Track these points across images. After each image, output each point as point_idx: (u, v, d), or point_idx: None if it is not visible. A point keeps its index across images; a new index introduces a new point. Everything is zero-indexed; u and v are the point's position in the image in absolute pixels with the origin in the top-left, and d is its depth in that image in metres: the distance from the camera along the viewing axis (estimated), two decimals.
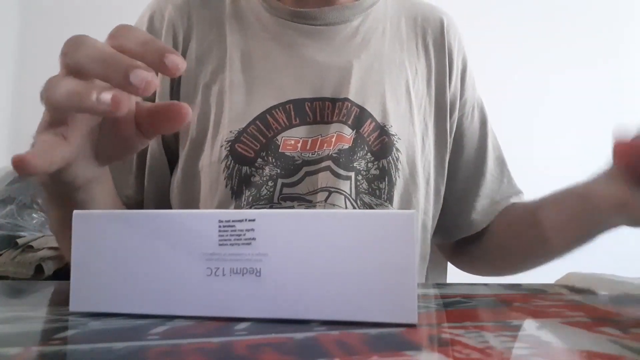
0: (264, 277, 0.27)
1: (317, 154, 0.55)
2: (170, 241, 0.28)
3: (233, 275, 0.28)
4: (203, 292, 0.28)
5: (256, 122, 0.55)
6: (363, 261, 0.27)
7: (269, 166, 0.54)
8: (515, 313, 0.30)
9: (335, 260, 0.27)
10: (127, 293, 0.28)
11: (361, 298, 0.27)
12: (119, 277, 0.28)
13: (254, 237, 0.28)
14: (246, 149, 0.55)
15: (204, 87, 0.57)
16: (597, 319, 0.29)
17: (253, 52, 0.58)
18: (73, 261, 0.29)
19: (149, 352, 0.21)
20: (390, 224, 0.27)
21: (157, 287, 0.28)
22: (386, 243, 0.27)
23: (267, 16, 0.60)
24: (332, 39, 0.59)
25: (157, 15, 0.60)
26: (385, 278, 0.26)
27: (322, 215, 0.28)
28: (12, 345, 0.23)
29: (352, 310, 0.27)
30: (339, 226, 0.27)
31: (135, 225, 0.29)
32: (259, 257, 0.27)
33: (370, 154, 0.56)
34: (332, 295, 0.27)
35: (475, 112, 0.66)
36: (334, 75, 0.57)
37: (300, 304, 0.27)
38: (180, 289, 0.28)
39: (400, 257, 0.27)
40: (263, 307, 0.27)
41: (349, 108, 0.56)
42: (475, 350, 0.21)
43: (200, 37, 0.59)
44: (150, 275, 0.28)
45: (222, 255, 0.28)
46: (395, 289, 0.26)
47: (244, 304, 0.27)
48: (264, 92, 0.56)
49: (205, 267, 0.28)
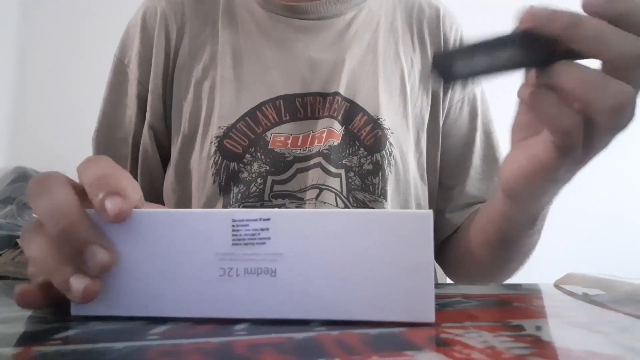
0: (279, 277, 0.27)
1: (308, 150, 0.54)
2: (182, 241, 0.27)
3: (247, 275, 0.27)
4: (216, 293, 0.27)
5: (245, 119, 0.55)
6: (380, 261, 0.27)
7: (258, 162, 0.54)
8: (515, 313, 0.30)
9: (352, 260, 0.27)
10: (134, 296, 0.27)
11: (378, 298, 0.26)
12: (126, 279, 0.27)
13: (268, 237, 0.27)
14: (234, 144, 0.54)
15: (195, 83, 0.57)
16: (597, 319, 0.29)
17: (244, 47, 0.58)
18: None
19: (149, 352, 0.21)
20: (408, 224, 0.27)
21: (168, 289, 0.27)
22: (403, 243, 0.27)
23: (260, 11, 0.59)
24: (324, 33, 0.59)
25: (150, 12, 0.60)
26: (402, 277, 0.26)
27: (338, 215, 0.28)
28: (12, 345, 0.23)
29: (370, 310, 0.26)
30: (356, 226, 0.27)
31: (144, 225, 0.28)
32: (274, 256, 0.27)
33: (364, 148, 0.55)
34: (350, 295, 0.26)
35: (464, 106, 0.64)
36: (325, 70, 0.57)
37: (317, 304, 0.27)
38: (192, 291, 0.27)
39: (418, 257, 0.26)
40: (279, 308, 0.27)
41: (339, 103, 0.56)
42: (475, 350, 0.21)
43: (193, 33, 0.59)
44: (160, 277, 0.27)
45: (235, 256, 0.27)
46: (412, 288, 0.26)
47: (259, 304, 0.27)
48: (253, 88, 0.56)
49: (218, 268, 0.27)
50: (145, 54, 0.59)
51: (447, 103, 0.63)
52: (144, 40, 0.59)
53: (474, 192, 0.61)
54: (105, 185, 0.27)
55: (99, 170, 0.28)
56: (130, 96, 0.60)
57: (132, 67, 0.59)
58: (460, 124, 0.63)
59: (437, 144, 0.62)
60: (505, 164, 0.39)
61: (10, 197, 1.39)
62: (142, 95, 0.59)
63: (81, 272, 0.26)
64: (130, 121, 0.59)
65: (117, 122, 0.60)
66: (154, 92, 0.58)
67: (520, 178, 0.37)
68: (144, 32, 0.59)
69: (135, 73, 0.59)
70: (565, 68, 0.28)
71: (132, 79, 0.60)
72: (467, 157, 0.63)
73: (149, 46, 0.59)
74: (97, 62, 0.83)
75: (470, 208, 0.61)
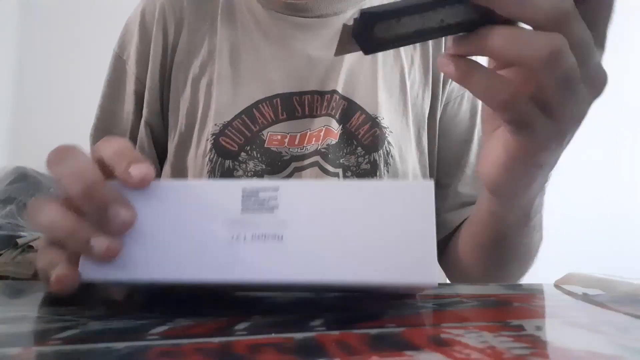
0: (285, 242, 0.27)
1: (305, 148, 0.54)
2: (193, 209, 0.28)
3: (255, 240, 0.28)
4: (225, 257, 0.28)
5: (242, 116, 0.55)
6: (383, 228, 0.27)
7: (254, 161, 0.53)
8: (515, 313, 0.30)
9: (356, 227, 0.27)
10: (145, 260, 0.28)
11: (381, 262, 0.27)
12: (138, 245, 0.28)
13: (276, 205, 0.28)
14: (230, 142, 0.54)
15: (193, 79, 0.57)
16: (597, 319, 0.29)
17: (242, 45, 0.58)
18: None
19: (149, 352, 0.21)
20: (409, 193, 0.28)
21: (178, 254, 0.28)
22: (405, 211, 0.27)
23: (259, 8, 0.59)
24: (323, 31, 0.59)
25: (150, 8, 0.60)
26: (405, 242, 0.27)
27: (344, 186, 0.29)
28: (12, 345, 0.23)
29: (373, 273, 0.27)
30: (360, 196, 0.28)
31: (159, 194, 0.29)
32: (281, 223, 0.28)
33: (361, 147, 0.55)
34: (354, 259, 0.27)
35: (463, 102, 0.62)
36: (323, 68, 0.57)
37: (322, 267, 0.27)
38: (202, 256, 0.28)
39: (420, 224, 0.27)
40: (285, 271, 0.27)
41: (337, 101, 0.55)
42: (475, 350, 0.21)
43: (192, 29, 0.59)
44: (171, 242, 0.28)
45: (244, 222, 0.28)
46: (415, 252, 0.27)
47: (266, 268, 0.27)
48: (251, 85, 0.56)
49: (227, 234, 0.28)
50: (144, 50, 0.59)
51: (445, 98, 0.62)
52: (143, 37, 0.59)
53: (470, 191, 0.60)
54: (129, 155, 0.29)
55: (117, 145, 0.30)
56: (128, 92, 0.60)
57: (131, 63, 0.59)
58: (459, 120, 0.63)
59: (434, 140, 0.61)
60: (482, 159, 0.36)
61: (10, 197, 1.39)
62: (140, 91, 0.59)
63: (100, 232, 0.27)
64: (128, 117, 0.59)
65: (115, 118, 0.60)
66: (151, 89, 0.58)
67: (500, 170, 0.34)
68: (143, 28, 0.59)
69: (134, 69, 0.59)
70: (492, 30, 0.27)
71: (131, 75, 0.60)
72: (465, 155, 0.62)
73: (147, 42, 0.59)
74: (97, 62, 0.83)
75: (466, 209, 0.59)
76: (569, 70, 0.27)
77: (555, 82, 0.27)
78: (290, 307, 0.31)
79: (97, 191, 0.27)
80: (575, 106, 0.29)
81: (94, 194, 0.27)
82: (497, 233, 0.45)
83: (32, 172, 1.51)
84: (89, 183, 0.27)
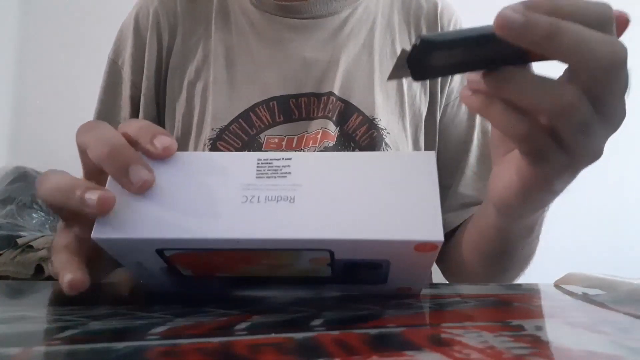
0: (297, 203, 0.29)
1: (302, 151, 0.54)
2: (210, 175, 0.30)
3: (268, 202, 0.29)
4: (239, 216, 0.28)
5: (239, 120, 0.55)
6: (390, 190, 0.29)
7: None
8: (515, 313, 0.30)
9: (365, 190, 0.29)
10: (159, 219, 0.29)
11: (389, 220, 0.28)
12: (152, 205, 0.29)
13: (289, 172, 0.30)
14: (228, 147, 0.54)
15: (188, 84, 0.57)
16: (597, 319, 0.29)
17: (237, 48, 0.58)
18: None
19: (149, 352, 0.21)
20: (414, 161, 0.30)
21: (193, 213, 0.29)
22: (410, 175, 0.29)
23: (253, 11, 0.59)
24: (318, 32, 0.58)
25: (143, 13, 0.60)
26: (411, 203, 0.28)
27: (353, 156, 0.31)
28: (12, 345, 0.23)
29: (381, 230, 0.28)
30: (370, 164, 0.30)
31: (176, 163, 0.30)
32: (293, 187, 0.29)
33: (359, 149, 0.55)
34: (363, 217, 0.28)
35: (462, 103, 0.61)
36: (319, 69, 0.57)
37: (332, 225, 0.28)
38: (216, 215, 0.29)
39: (425, 187, 0.29)
40: (296, 229, 0.28)
41: (334, 103, 0.55)
42: (475, 350, 0.21)
43: (186, 33, 0.59)
44: (186, 204, 0.29)
45: (258, 186, 0.29)
46: (421, 211, 0.28)
47: (278, 226, 0.28)
48: (247, 89, 0.56)
49: (242, 195, 0.29)
50: (138, 56, 0.59)
51: (445, 100, 0.61)
52: (137, 42, 0.59)
53: (470, 192, 0.60)
54: (152, 128, 0.31)
55: (142, 123, 0.32)
56: (124, 98, 0.60)
57: (126, 69, 0.59)
58: (458, 121, 0.62)
59: (434, 141, 0.61)
60: (494, 181, 0.37)
61: (10, 197, 1.39)
62: (136, 97, 0.59)
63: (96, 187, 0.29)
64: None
65: (112, 123, 0.60)
66: (146, 94, 0.58)
67: (513, 194, 0.34)
68: (137, 33, 0.59)
69: (129, 75, 0.59)
70: (513, 75, 0.27)
71: (126, 81, 0.59)
72: (464, 156, 0.61)
73: (142, 48, 0.59)
74: (97, 62, 0.83)
75: (466, 210, 0.59)
76: (585, 119, 0.27)
77: (570, 128, 0.27)
78: (290, 307, 0.31)
79: (121, 153, 0.29)
80: (591, 144, 0.29)
81: (118, 156, 0.29)
82: (501, 245, 0.46)
83: (32, 172, 1.51)
84: (113, 144, 0.29)
